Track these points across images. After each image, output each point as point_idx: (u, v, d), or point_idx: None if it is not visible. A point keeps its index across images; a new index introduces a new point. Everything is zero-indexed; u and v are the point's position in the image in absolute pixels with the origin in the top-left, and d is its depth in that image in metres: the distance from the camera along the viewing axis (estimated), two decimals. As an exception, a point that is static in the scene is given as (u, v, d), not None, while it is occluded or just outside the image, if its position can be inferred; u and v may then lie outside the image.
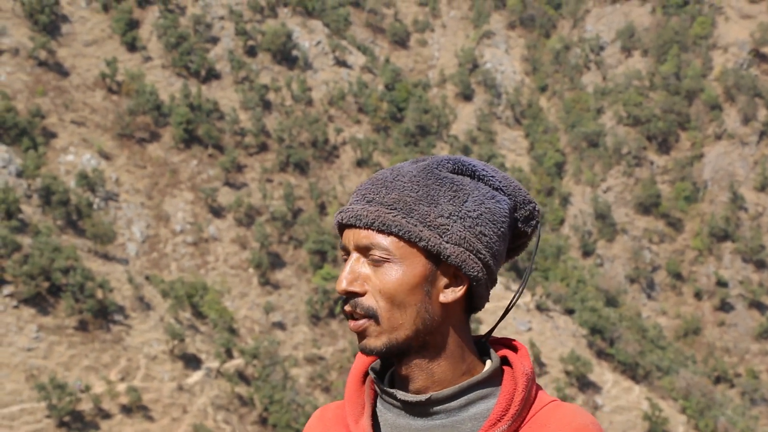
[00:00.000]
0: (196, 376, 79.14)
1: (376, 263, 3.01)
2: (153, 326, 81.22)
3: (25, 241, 79.99)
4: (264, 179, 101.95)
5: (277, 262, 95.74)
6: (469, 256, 3.03)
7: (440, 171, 3.11)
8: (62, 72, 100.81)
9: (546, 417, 3.05)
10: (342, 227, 3.10)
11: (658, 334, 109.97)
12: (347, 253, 3.09)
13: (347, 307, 3.05)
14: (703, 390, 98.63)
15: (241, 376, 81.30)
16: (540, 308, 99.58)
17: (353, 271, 3.05)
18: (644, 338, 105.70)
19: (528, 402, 3.08)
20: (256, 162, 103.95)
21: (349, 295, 3.05)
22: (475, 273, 3.04)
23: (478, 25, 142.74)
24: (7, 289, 76.74)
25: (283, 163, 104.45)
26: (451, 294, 3.06)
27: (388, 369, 3.27)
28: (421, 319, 3.02)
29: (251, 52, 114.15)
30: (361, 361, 3.25)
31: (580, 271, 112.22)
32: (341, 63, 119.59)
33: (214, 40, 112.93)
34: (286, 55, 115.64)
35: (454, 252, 3.01)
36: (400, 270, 3.00)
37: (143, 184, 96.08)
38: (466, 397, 3.07)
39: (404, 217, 2.98)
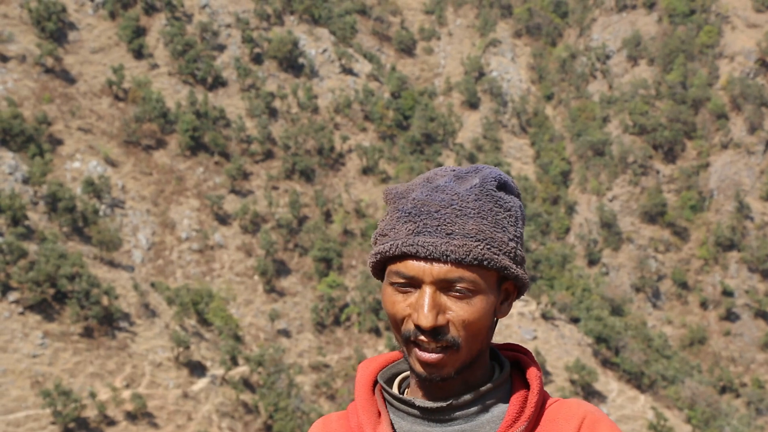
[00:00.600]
0: (201, 383, 79.13)
1: (461, 296, 3.00)
2: (158, 333, 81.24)
3: (31, 247, 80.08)
4: (270, 187, 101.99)
5: (282, 270, 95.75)
6: (526, 272, 3.16)
7: (494, 191, 3.13)
8: (69, 79, 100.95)
9: (554, 413, 3.15)
10: (404, 256, 3.05)
11: (664, 344, 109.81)
12: (414, 284, 3.03)
13: (423, 338, 3.01)
14: (708, 399, 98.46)
15: (246, 384, 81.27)
16: (545, 317, 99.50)
17: (435, 305, 3.01)
18: (650, 347, 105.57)
19: (540, 403, 3.18)
20: (262, 169, 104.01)
21: (433, 329, 3.02)
22: (528, 287, 3.19)
23: (485, 33, 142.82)
24: (13, 296, 76.81)
25: (288, 171, 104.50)
26: (507, 309, 3.16)
27: (393, 377, 3.31)
28: (488, 340, 3.12)
29: (258, 59, 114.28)
30: (368, 371, 3.28)
31: (586, 280, 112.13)
32: (347, 71, 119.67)
33: (221, 48, 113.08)
34: (292, 63, 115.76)
35: (522, 274, 3.12)
36: (484, 300, 3.04)
37: (149, 191, 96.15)
38: (483, 401, 3.14)
39: (489, 249, 3.02)
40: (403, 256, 3.03)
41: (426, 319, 2.97)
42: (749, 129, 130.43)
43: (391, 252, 3.03)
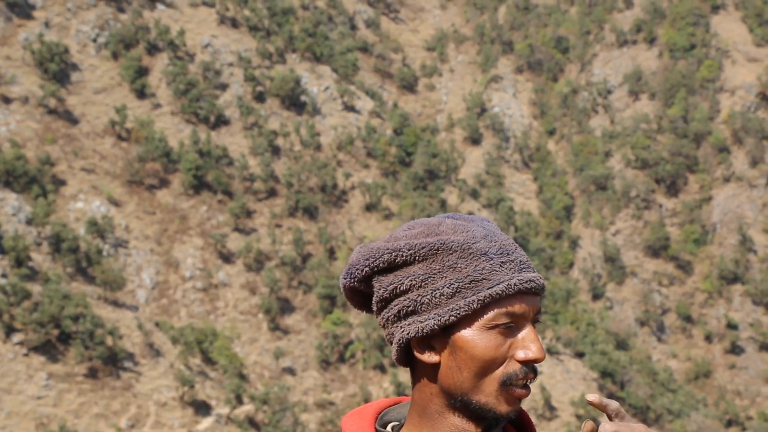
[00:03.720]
0: (206, 423, 78.96)
1: (539, 328, 3.07)
2: (163, 373, 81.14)
3: (35, 288, 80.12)
4: (273, 224, 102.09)
5: (286, 307, 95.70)
6: None
7: None
8: (72, 119, 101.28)
9: None
10: (518, 294, 3.07)
11: (669, 377, 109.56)
12: (517, 322, 3.05)
13: (532, 375, 3.05)
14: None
15: (252, 422, 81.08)
16: (550, 351, 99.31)
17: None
18: (655, 381, 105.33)
19: None
20: (265, 207, 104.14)
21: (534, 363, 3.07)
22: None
23: (486, 69, 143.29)
24: (17, 337, 76.79)
25: (292, 208, 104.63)
26: None
27: (383, 426, 3.29)
28: None
29: (260, 98, 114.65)
30: (365, 422, 3.23)
31: (590, 314, 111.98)
32: (349, 108, 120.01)
33: (223, 87, 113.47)
34: (294, 101, 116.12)
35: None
36: None
37: (153, 230, 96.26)
38: None
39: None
40: (514, 296, 3.05)
41: (543, 352, 3.03)
42: (751, 162, 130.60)
43: (507, 291, 3.01)
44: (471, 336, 3.02)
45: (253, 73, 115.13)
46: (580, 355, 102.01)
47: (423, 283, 3.04)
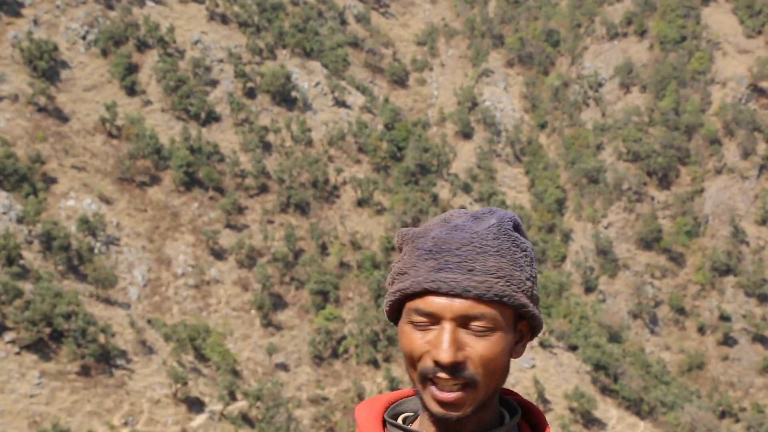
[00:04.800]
0: (199, 419, 78.87)
1: (480, 333, 3.01)
2: (156, 370, 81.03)
3: (27, 287, 79.95)
4: (265, 220, 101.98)
5: (279, 303, 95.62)
6: (540, 313, 3.18)
7: (511, 231, 3.15)
8: (62, 117, 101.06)
9: None
10: (424, 293, 3.05)
11: (662, 370, 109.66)
12: (433, 320, 3.03)
13: (444, 377, 3.01)
14: (708, 425, 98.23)
15: (245, 419, 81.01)
16: (543, 345, 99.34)
17: (455, 341, 3.01)
18: (648, 374, 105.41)
19: None
20: (256, 203, 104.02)
21: (453, 366, 3.02)
22: (542, 328, 3.19)
23: (477, 63, 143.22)
24: (9, 336, 76.62)
25: (283, 204, 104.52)
26: (522, 349, 3.17)
27: (394, 416, 3.30)
28: (503, 379, 3.13)
29: (251, 94, 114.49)
30: (374, 411, 3.25)
31: (583, 308, 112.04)
32: (340, 103, 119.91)
33: (214, 83, 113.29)
34: (285, 97, 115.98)
35: (538, 313, 3.15)
36: (502, 337, 3.05)
37: (144, 227, 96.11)
38: None
39: (509, 286, 3.04)
40: (424, 293, 3.04)
41: (446, 354, 2.98)
42: (742, 154, 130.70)
43: (411, 289, 3.04)
44: (400, 327, 3.10)
45: (244, 69, 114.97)
46: (573, 348, 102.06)
47: (392, 268, 3.16)
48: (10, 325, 76.99)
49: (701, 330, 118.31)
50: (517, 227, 3.19)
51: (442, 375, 3.00)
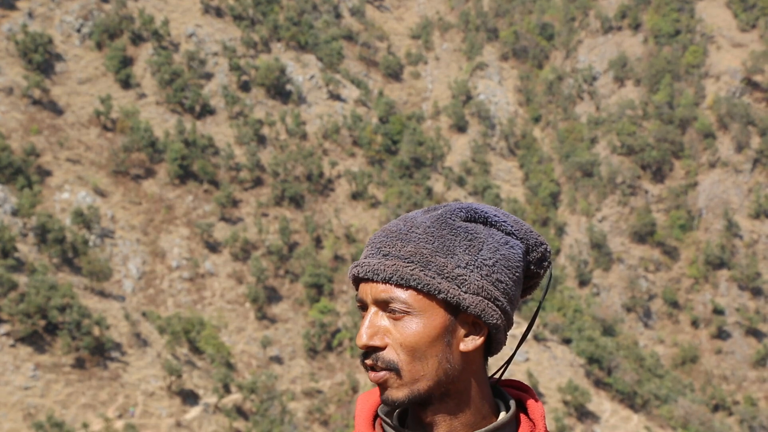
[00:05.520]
0: (194, 412, 78.95)
1: (396, 317, 3.01)
2: (150, 362, 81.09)
3: (21, 279, 79.96)
4: (259, 214, 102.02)
5: (273, 296, 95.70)
6: (487, 304, 3.06)
7: (453, 220, 3.09)
8: (56, 110, 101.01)
9: None
10: (358, 281, 3.09)
11: (656, 363, 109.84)
12: (364, 306, 3.07)
13: (368, 361, 3.03)
14: (701, 418, 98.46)
15: (239, 411, 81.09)
16: (537, 338, 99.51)
17: (373, 325, 3.02)
18: (642, 367, 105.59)
19: None
20: (251, 196, 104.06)
21: (370, 349, 3.04)
22: (495, 321, 3.07)
23: (471, 57, 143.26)
24: (4, 328, 76.64)
25: (278, 197, 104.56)
26: (471, 342, 3.07)
27: (393, 411, 3.29)
28: (443, 369, 3.04)
29: (245, 87, 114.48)
30: (367, 405, 3.26)
31: (577, 301, 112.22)
32: (335, 96, 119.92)
33: (208, 76, 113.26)
34: (279, 90, 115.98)
35: (473, 302, 3.03)
36: (420, 323, 3.01)
37: (139, 220, 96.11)
38: None
39: (422, 270, 2.99)
40: (355, 281, 3.09)
41: (360, 338, 3.02)
42: (736, 148, 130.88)
43: (348, 276, 3.09)
44: None
45: (238, 63, 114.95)
46: (567, 341, 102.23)
47: None
48: (4, 318, 77.02)
49: (695, 323, 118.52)
50: (473, 218, 3.13)
51: (368, 361, 3.03)
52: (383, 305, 3.02)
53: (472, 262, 3.04)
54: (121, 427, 73.46)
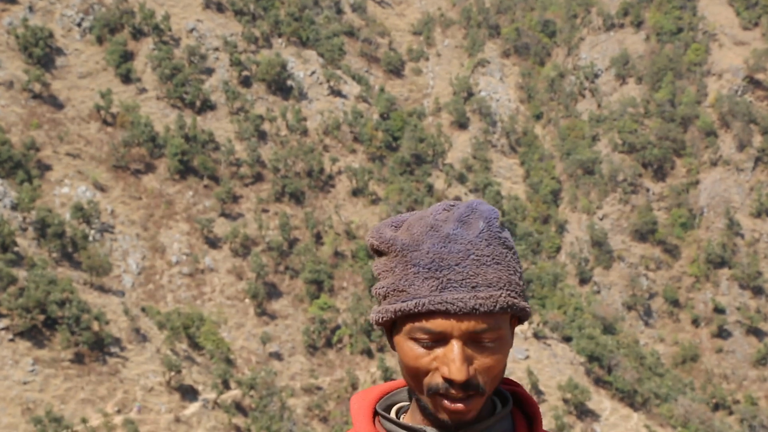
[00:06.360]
0: (193, 408, 78.83)
1: (486, 346, 2.98)
2: (149, 358, 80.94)
3: (21, 274, 79.80)
4: (260, 209, 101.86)
5: (273, 292, 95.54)
6: (527, 304, 3.13)
7: (500, 233, 3.08)
8: (57, 104, 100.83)
9: None
10: (432, 314, 2.98)
11: (656, 362, 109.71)
12: (438, 338, 2.98)
13: (455, 392, 2.96)
14: (701, 417, 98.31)
15: (239, 407, 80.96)
16: (537, 336, 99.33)
17: (467, 358, 2.97)
18: (642, 365, 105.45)
19: None
20: (251, 192, 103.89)
21: (464, 382, 2.98)
22: (530, 317, 3.15)
23: (473, 53, 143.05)
24: (3, 323, 76.49)
25: (278, 193, 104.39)
26: (512, 342, 3.13)
27: (391, 407, 3.29)
28: (503, 374, 3.12)
29: (246, 82, 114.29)
30: (365, 403, 3.23)
31: (577, 299, 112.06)
32: (336, 92, 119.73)
33: (209, 71, 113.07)
34: (280, 86, 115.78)
35: (527, 307, 3.09)
36: (506, 345, 3.03)
37: (138, 215, 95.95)
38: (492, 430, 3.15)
39: (509, 294, 2.99)
40: (430, 314, 2.98)
41: (461, 373, 2.94)
42: (738, 146, 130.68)
43: (416, 309, 2.96)
44: (399, 341, 3.03)
45: (239, 58, 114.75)
46: (567, 339, 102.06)
47: (379, 276, 3.08)
48: (3, 312, 76.87)
49: (695, 322, 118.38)
50: (502, 223, 3.13)
51: (454, 391, 2.97)
52: (474, 337, 2.98)
53: (520, 272, 3.10)
54: (119, 423, 73.31)
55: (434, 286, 2.95)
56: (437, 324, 2.95)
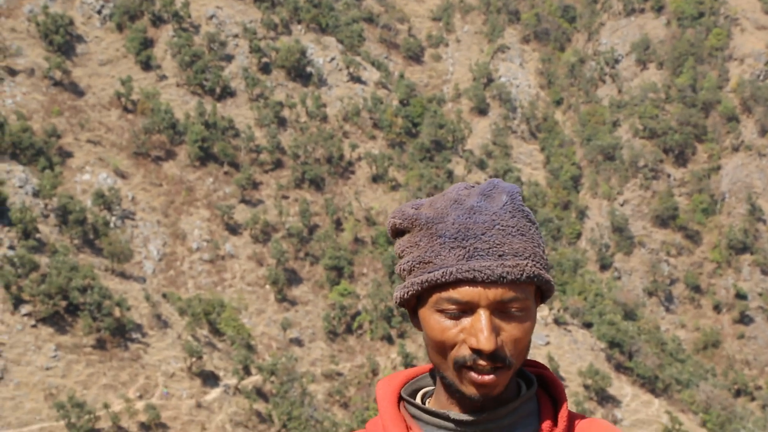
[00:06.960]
0: (214, 393, 79.09)
1: (513, 315, 2.99)
2: (171, 344, 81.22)
3: (43, 260, 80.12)
4: (280, 196, 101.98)
5: (293, 279, 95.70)
6: (552, 277, 3.14)
7: (522, 206, 3.11)
8: (77, 92, 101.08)
9: (584, 430, 3.19)
10: (459, 282, 3.00)
11: (677, 348, 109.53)
12: (465, 308, 2.99)
13: (482, 362, 2.97)
14: (723, 403, 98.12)
15: (259, 393, 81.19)
16: (558, 322, 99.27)
17: (494, 328, 2.98)
18: (663, 351, 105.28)
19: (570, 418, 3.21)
20: (271, 179, 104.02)
21: (492, 353, 2.99)
22: (553, 292, 3.16)
23: (493, 39, 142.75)
24: (25, 309, 76.85)
25: (298, 180, 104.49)
26: (536, 319, 3.13)
27: (416, 392, 3.29)
28: (529, 350, 3.11)
29: (266, 69, 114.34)
30: (390, 389, 3.24)
31: (598, 285, 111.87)
32: (355, 79, 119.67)
33: (229, 58, 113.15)
34: (300, 72, 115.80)
35: (551, 280, 3.11)
36: (532, 316, 3.04)
37: (159, 202, 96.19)
38: (515, 415, 3.14)
39: (536, 265, 3.02)
40: (457, 282, 2.99)
41: (489, 343, 2.95)
42: (760, 131, 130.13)
43: (443, 279, 2.98)
44: (425, 315, 3.04)
45: (259, 45, 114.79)
46: (588, 325, 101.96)
47: (403, 253, 3.09)
48: (26, 298, 77.22)
49: (717, 308, 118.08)
50: (523, 197, 3.19)
51: (482, 362, 2.97)
52: (501, 306, 2.99)
53: (544, 245, 3.13)
54: (141, 408, 73.62)
55: (461, 255, 2.98)
56: (465, 293, 2.96)
